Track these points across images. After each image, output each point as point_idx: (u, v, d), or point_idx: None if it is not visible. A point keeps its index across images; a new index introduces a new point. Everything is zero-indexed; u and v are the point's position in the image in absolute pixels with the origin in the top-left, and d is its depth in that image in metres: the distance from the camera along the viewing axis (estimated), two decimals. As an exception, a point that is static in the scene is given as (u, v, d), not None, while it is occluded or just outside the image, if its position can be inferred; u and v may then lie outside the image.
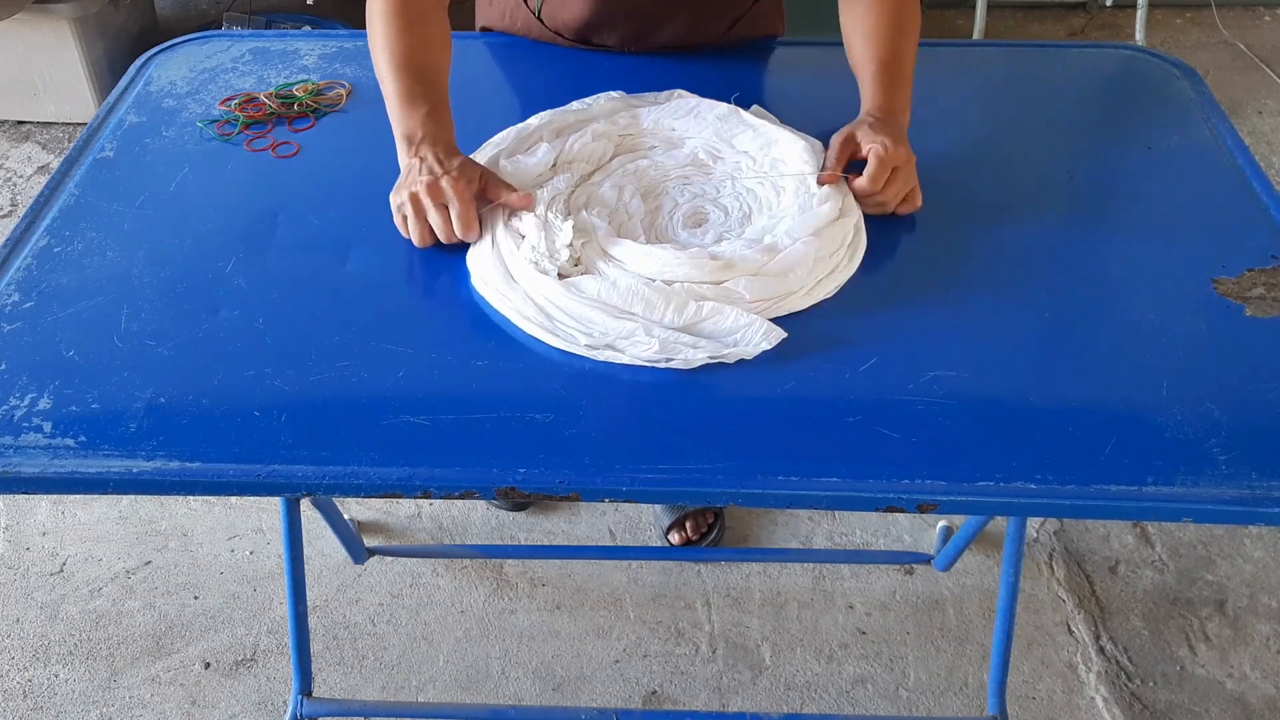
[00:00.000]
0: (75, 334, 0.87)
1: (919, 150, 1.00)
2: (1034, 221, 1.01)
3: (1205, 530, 1.70)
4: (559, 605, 1.60)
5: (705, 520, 1.68)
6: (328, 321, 0.88)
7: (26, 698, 1.50)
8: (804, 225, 0.92)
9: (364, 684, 1.51)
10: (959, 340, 0.87)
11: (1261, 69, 2.91)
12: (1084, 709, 1.49)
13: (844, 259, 0.93)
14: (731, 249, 0.91)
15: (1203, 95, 1.19)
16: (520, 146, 1.03)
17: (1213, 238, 0.98)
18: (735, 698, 1.50)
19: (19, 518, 1.74)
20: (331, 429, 0.79)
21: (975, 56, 1.31)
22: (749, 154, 1.04)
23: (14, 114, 2.65)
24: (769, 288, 0.88)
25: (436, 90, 1.00)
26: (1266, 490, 0.74)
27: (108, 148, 1.09)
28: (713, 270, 0.88)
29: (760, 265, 0.89)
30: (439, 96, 1.00)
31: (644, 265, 0.89)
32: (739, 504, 0.76)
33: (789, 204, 0.96)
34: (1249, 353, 0.85)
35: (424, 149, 0.96)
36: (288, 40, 1.30)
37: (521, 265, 0.90)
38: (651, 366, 0.83)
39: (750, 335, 0.85)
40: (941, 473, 0.75)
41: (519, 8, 1.28)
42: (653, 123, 1.08)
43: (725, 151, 1.04)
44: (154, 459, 0.76)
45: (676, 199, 1.00)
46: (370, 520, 1.73)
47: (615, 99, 1.10)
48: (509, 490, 0.75)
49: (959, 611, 1.59)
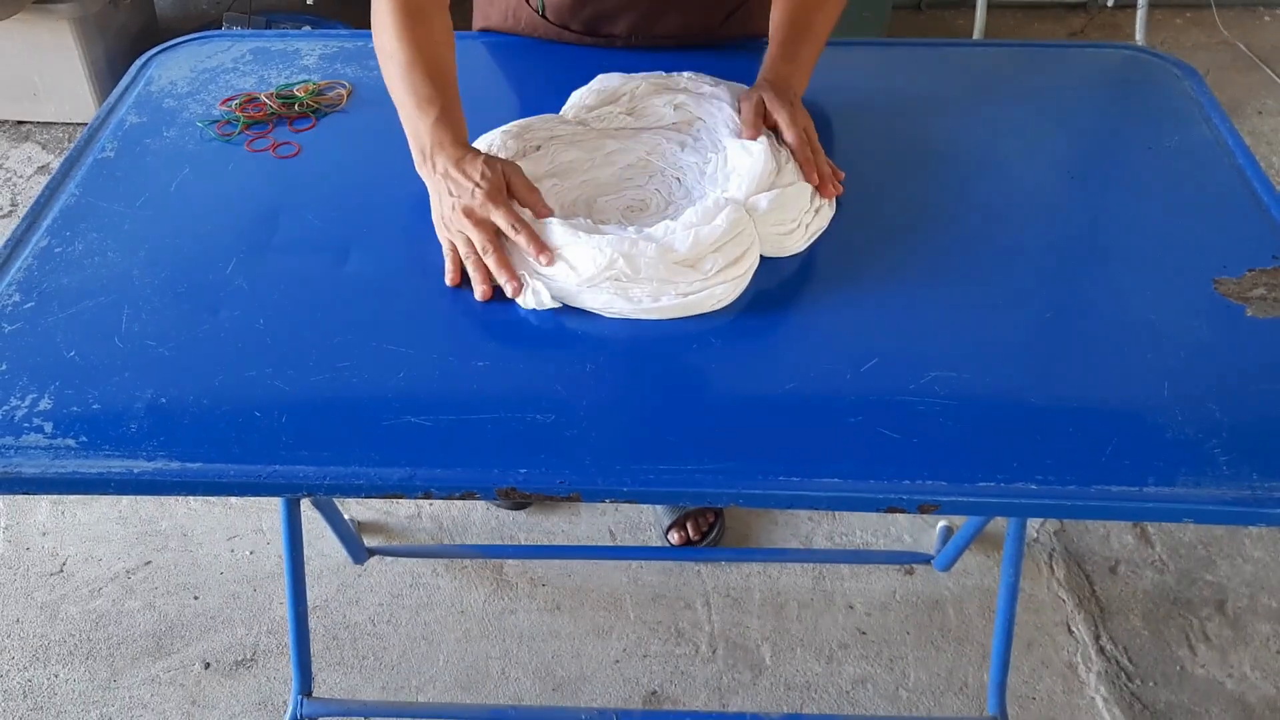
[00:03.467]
0: (76, 334, 0.87)
1: (918, 150, 1.00)
2: (1034, 221, 1.01)
3: (1205, 530, 1.70)
4: (559, 605, 1.60)
5: (705, 520, 1.68)
6: (328, 322, 0.88)
7: (26, 698, 1.50)
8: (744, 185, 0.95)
9: (364, 684, 1.51)
10: (959, 340, 0.87)
11: (1261, 69, 2.91)
12: (1084, 709, 1.49)
13: (804, 221, 0.96)
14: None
15: (1203, 95, 1.19)
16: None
17: (1213, 238, 0.98)
18: (735, 698, 1.50)
19: (19, 518, 1.74)
20: (332, 429, 0.79)
21: (975, 56, 1.30)
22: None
23: (14, 114, 2.65)
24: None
25: (446, 89, 1.00)
26: (1267, 490, 0.74)
27: (108, 148, 1.09)
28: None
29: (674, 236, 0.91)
30: (449, 95, 1.00)
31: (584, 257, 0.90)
32: (739, 504, 0.76)
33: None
34: (1249, 353, 0.85)
35: (439, 158, 0.95)
36: (288, 40, 1.30)
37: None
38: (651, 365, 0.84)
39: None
40: (942, 473, 0.75)
41: (522, 6, 1.28)
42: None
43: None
44: (154, 459, 0.76)
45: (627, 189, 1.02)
46: (370, 520, 1.73)
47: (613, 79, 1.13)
48: (510, 490, 0.75)
49: (959, 611, 1.59)
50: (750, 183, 0.95)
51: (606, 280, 0.88)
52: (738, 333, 0.88)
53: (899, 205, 1.02)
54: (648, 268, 0.88)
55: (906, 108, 1.17)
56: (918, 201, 1.02)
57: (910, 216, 1.00)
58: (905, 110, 1.16)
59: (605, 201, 1.00)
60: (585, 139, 1.07)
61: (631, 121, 1.09)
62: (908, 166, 1.04)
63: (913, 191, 1.04)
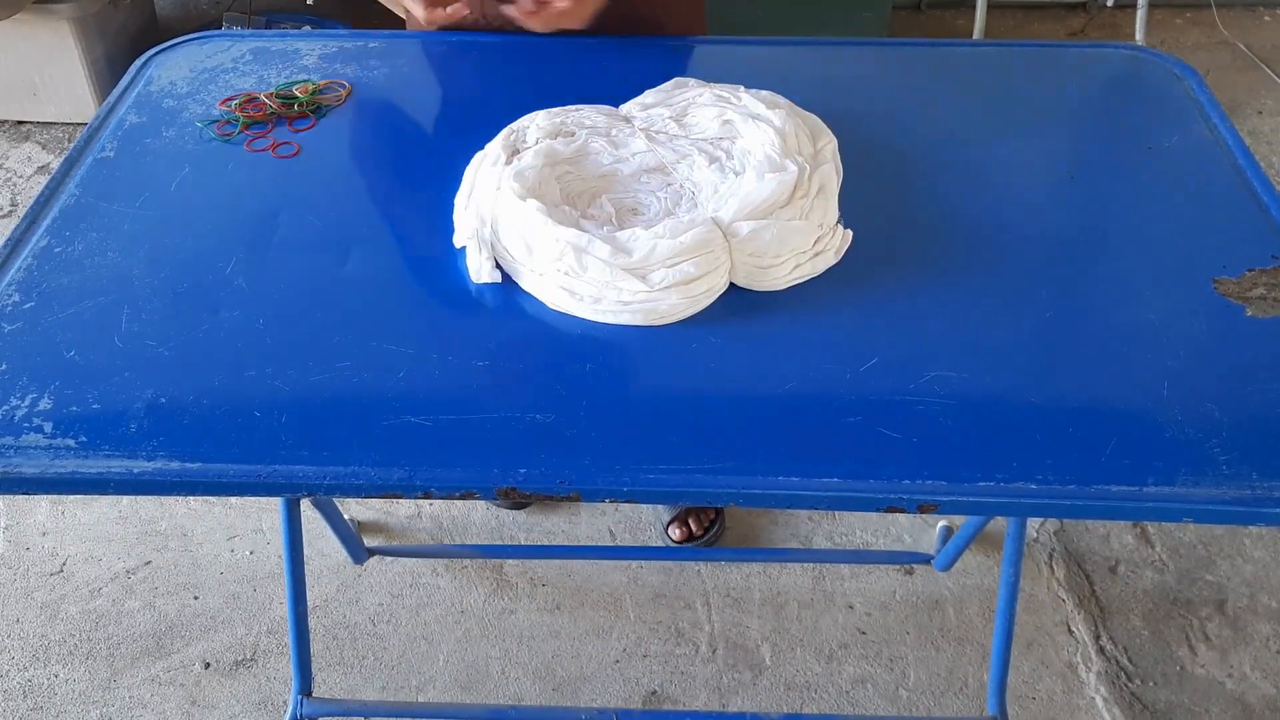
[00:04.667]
0: (76, 334, 0.87)
1: (918, 150, 1.00)
2: (1034, 222, 1.01)
3: (1205, 530, 1.70)
4: (559, 605, 1.60)
5: (707, 516, 1.68)
6: (328, 321, 0.88)
7: (26, 698, 1.50)
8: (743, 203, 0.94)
9: (364, 684, 1.51)
10: (959, 340, 0.87)
11: (1261, 69, 2.91)
12: (1084, 709, 1.49)
13: (807, 256, 0.94)
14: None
15: (1203, 95, 1.19)
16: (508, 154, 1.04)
17: (1213, 238, 0.98)
18: (735, 698, 1.50)
19: (19, 518, 1.74)
20: (332, 429, 0.79)
21: (975, 56, 1.30)
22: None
23: (14, 114, 2.65)
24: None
25: None
26: (1267, 490, 0.74)
27: (108, 148, 1.09)
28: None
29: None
30: None
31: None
32: (739, 504, 0.76)
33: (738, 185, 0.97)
34: (1249, 353, 0.85)
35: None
36: (288, 40, 1.30)
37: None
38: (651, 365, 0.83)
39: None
40: (942, 473, 0.75)
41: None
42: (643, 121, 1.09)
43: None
44: (154, 459, 0.76)
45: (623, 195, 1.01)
46: (370, 520, 1.73)
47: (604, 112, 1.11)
48: (510, 490, 0.75)
49: (959, 611, 1.59)
50: (743, 207, 0.93)
51: (554, 271, 0.89)
52: (738, 333, 0.88)
53: (898, 205, 1.01)
54: (594, 267, 0.88)
55: (906, 107, 1.17)
56: (917, 201, 1.02)
57: (910, 216, 1.00)
58: (905, 110, 1.16)
59: (609, 199, 0.99)
60: (620, 135, 1.06)
61: (676, 128, 1.07)
62: (907, 166, 1.04)
63: (912, 191, 1.04)
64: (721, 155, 1.03)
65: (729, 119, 1.06)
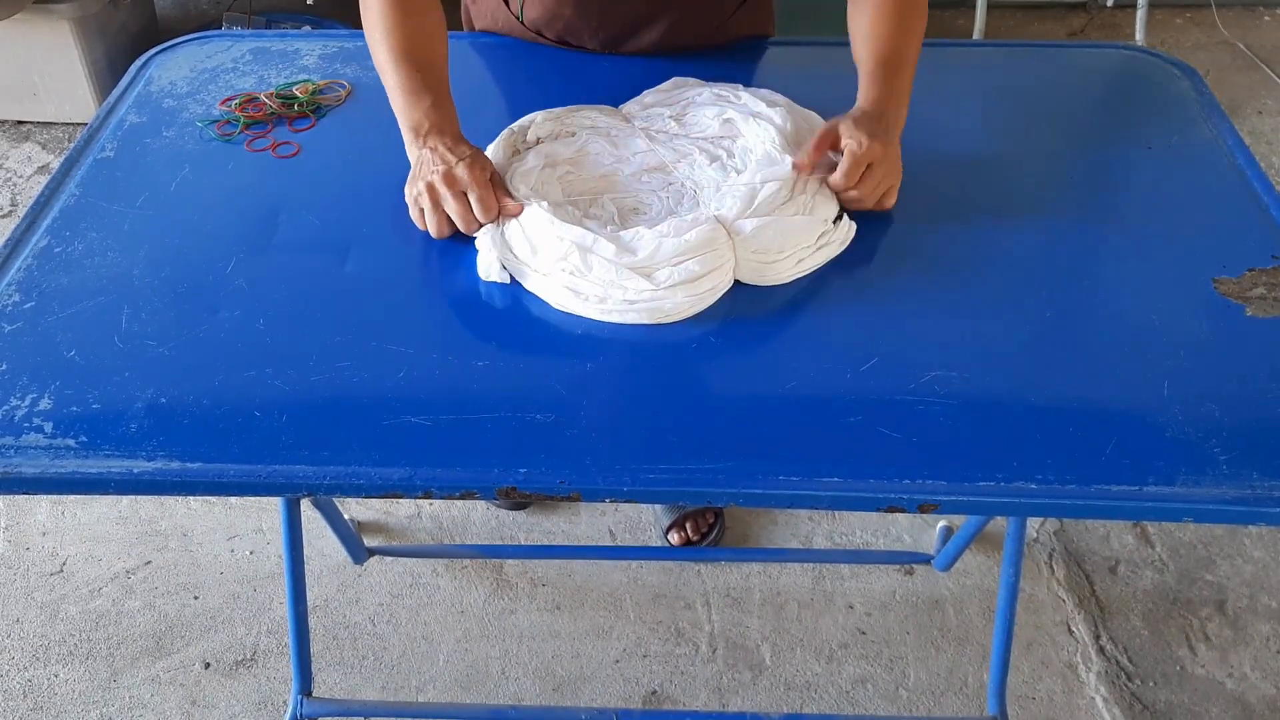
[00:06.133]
0: (76, 334, 0.87)
1: (918, 150, 1.00)
2: (1034, 221, 1.01)
3: (1205, 530, 1.70)
4: (559, 605, 1.60)
5: (705, 520, 1.68)
6: (328, 321, 0.88)
7: (26, 698, 1.50)
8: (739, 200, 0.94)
9: (364, 684, 1.51)
10: (959, 340, 0.87)
11: (1261, 69, 2.91)
12: (1084, 709, 1.49)
13: (809, 249, 0.94)
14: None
15: (1203, 95, 1.19)
16: (508, 157, 1.04)
17: (1213, 238, 0.98)
18: (735, 698, 1.50)
19: (19, 518, 1.74)
20: (332, 429, 0.79)
21: (975, 56, 1.31)
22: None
23: (14, 114, 2.65)
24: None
25: (438, 81, 1.01)
26: (1267, 490, 0.74)
27: (108, 148, 1.09)
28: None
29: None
30: (441, 87, 1.01)
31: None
32: (739, 504, 0.76)
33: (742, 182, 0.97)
34: (1249, 353, 0.85)
35: (432, 139, 0.96)
36: (288, 40, 1.30)
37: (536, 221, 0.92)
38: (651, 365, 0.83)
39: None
40: (942, 473, 0.75)
41: (499, 8, 1.27)
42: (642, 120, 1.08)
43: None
44: (154, 459, 0.76)
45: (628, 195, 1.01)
46: (370, 520, 1.73)
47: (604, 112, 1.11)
48: (510, 490, 0.75)
49: (959, 611, 1.59)
50: (744, 205, 0.93)
51: (559, 271, 0.89)
52: (738, 333, 0.88)
53: (898, 204, 1.01)
54: (599, 267, 0.88)
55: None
56: (917, 201, 1.02)
57: (909, 216, 1.00)
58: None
59: (611, 198, 0.99)
60: (621, 134, 1.06)
61: (675, 127, 1.07)
62: (907, 166, 1.04)
63: (912, 191, 1.03)
64: (722, 154, 1.03)
65: (729, 117, 1.06)
